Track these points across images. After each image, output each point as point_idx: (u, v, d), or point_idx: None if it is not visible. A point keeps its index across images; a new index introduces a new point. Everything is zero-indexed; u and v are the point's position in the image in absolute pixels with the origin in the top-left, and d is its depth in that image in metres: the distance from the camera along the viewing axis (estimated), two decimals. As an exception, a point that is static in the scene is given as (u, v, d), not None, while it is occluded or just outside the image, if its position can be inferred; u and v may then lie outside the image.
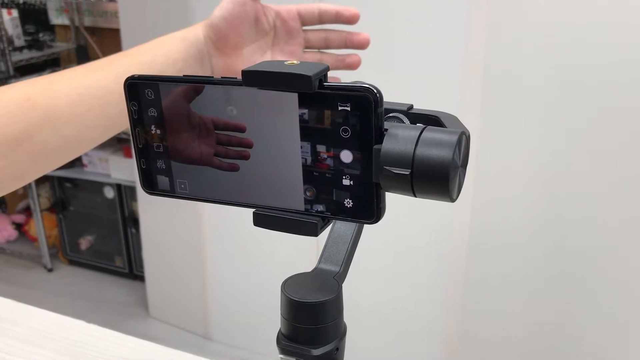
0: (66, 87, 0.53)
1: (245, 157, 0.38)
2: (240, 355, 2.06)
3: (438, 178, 0.32)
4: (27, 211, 2.86)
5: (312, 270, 0.43)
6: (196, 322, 2.16)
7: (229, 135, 0.38)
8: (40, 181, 2.70)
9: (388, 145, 0.33)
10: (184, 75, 0.38)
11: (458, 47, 1.40)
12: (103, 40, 2.72)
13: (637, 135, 1.31)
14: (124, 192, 2.51)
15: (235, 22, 0.60)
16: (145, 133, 0.40)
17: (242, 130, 0.37)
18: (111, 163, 2.50)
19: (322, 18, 0.64)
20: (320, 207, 0.37)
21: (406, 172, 0.32)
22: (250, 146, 0.37)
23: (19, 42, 2.68)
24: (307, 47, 0.66)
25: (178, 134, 0.39)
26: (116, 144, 2.54)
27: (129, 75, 0.39)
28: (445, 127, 0.36)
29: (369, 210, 0.35)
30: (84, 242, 2.67)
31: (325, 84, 0.34)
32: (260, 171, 0.38)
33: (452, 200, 0.33)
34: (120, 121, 0.56)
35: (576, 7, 1.29)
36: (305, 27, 0.65)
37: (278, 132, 0.36)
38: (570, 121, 1.36)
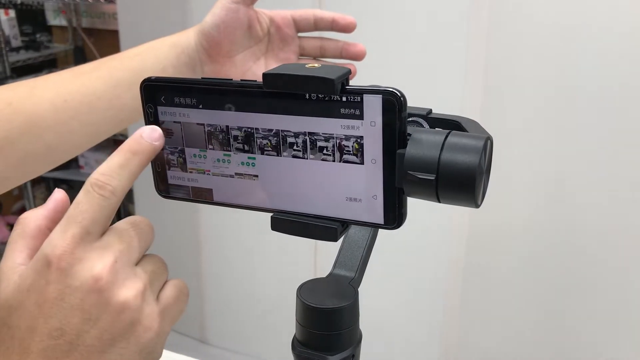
0: (50, 93, 0.51)
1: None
2: None
3: (464, 184, 0.32)
4: (23, 212, 2.84)
5: (327, 276, 0.43)
6: (192, 326, 2.14)
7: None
8: (36, 182, 2.68)
9: (412, 150, 0.33)
10: (202, 78, 0.38)
11: (458, 49, 1.39)
12: (101, 41, 2.71)
13: (638, 137, 1.31)
14: (121, 194, 2.49)
15: (228, 29, 0.58)
16: None
17: None
18: (108, 165, 2.48)
19: (318, 25, 0.62)
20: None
21: (431, 177, 0.32)
22: None
23: (15, 42, 2.67)
24: (301, 55, 0.65)
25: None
26: (113, 145, 2.52)
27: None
28: (467, 132, 0.36)
29: (391, 215, 0.35)
30: (80, 244, 2.65)
31: (347, 87, 0.34)
32: (280, 175, 0.37)
33: (477, 206, 0.33)
34: (107, 127, 0.54)
35: (578, 7, 1.29)
36: (300, 34, 0.64)
37: (299, 136, 0.36)
38: (572, 123, 1.36)
